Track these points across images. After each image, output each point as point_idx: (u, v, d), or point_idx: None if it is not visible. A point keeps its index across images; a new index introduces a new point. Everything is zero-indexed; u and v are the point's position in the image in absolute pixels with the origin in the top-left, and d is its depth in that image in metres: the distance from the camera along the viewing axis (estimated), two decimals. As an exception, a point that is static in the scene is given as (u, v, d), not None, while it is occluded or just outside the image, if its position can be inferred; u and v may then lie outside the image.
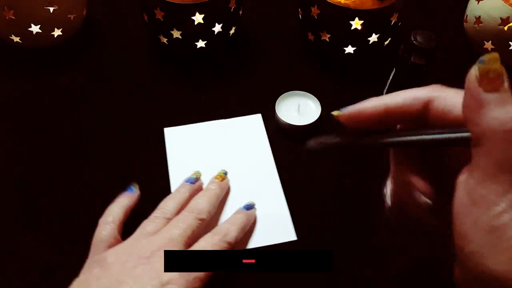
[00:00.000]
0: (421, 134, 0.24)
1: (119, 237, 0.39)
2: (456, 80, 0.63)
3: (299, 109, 0.52)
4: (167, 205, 0.41)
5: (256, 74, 0.58)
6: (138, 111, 0.53)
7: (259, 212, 0.44)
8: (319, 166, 0.49)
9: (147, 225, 0.39)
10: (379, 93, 0.55)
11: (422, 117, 0.25)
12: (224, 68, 0.59)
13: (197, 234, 0.39)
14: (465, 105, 0.23)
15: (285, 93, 0.52)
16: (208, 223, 0.40)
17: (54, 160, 0.48)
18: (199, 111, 0.53)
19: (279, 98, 0.52)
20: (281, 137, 0.51)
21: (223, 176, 0.45)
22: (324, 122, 0.51)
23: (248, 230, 0.42)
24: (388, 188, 0.28)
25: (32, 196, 0.45)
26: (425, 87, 0.26)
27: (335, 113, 0.26)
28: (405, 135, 0.25)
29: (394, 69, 0.51)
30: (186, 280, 0.34)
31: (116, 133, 0.51)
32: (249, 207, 0.43)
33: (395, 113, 0.25)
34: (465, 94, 0.23)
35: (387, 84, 0.53)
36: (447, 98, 0.25)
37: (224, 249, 0.37)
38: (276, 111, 0.51)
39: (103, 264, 0.35)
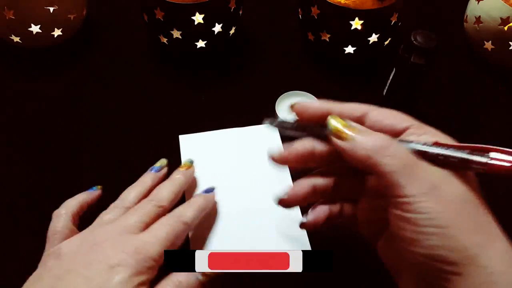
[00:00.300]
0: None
1: (74, 228, 0.38)
2: (456, 80, 0.63)
3: (299, 109, 0.52)
4: (127, 194, 0.40)
5: (256, 74, 0.58)
6: (138, 111, 0.53)
7: (273, 222, 0.43)
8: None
9: (105, 215, 0.38)
10: (379, 93, 0.55)
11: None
12: (224, 68, 0.59)
13: (157, 220, 0.38)
14: (351, 155, 0.29)
15: (285, 93, 0.52)
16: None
17: (54, 160, 0.48)
18: (199, 111, 0.53)
19: (279, 98, 0.52)
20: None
21: (189, 165, 0.44)
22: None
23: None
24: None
25: (32, 196, 0.45)
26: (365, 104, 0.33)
27: (293, 103, 0.35)
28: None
29: (394, 69, 0.51)
30: (136, 261, 0.33)
31: (116, 133, 0.51)
32: (208, 190, 0.43)
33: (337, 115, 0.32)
34: (344, 150, 0.30)
35: (387, 84, 0.53)
36: (380, 112, 0.32)
37: (181, 229, 0.36)
38: (277, 111, 0.51)
39: (57, 256, 0.35)
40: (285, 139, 0.50)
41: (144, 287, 0.33)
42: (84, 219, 0.40)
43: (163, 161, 0.44)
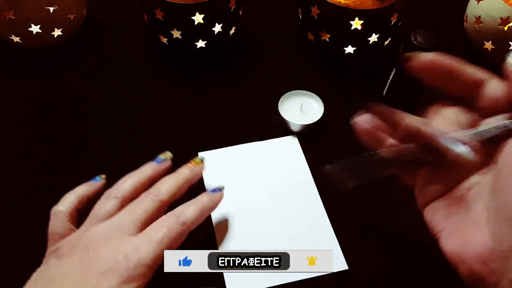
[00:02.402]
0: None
1: (71, 226, 0.38)
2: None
3: (302, 108, 0.52)
4: (123, 183, 0.39)
5: (256, 74, 0.58)
6: (138, 111, 0.53)
7: (303, 239, 0.43)
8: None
9: (99, 208, 0.38)
10: (379, 93, 0.55)
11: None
12: (224, 68, 0.59)
13: (156, 216, 0.37)
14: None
15: (288, 93, 0.52)
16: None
17: (54, 160, 0.48)
18: (199, 111, 0.53)
19: (281, 97, 0.52)
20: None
21: (199, 161, 0.43)
22: (326, 121, 0.51)
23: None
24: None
25: (32, 196, 0.45)
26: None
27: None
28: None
29: (394, 69, 0.51)
30: (126, 268, 0.33)
31: (116, 133, 0.51)
32: (216, 189, 0.41)
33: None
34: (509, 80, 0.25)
35: (387, 84, 0.53)
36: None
37: (179, 231, 0.36)
38: (279, 110, 0.51)
39: (56, 255, 0.35)
40: (305, 149, 0.50)
41: None
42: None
43: (167, 154, 0.42)
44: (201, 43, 0.55)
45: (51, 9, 0.52)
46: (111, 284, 0.32)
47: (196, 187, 0.46)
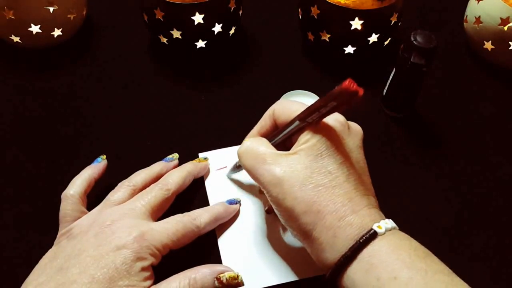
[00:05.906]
0: None
1: (83, 209, 0.40)
2: (456, 80, 0.63)
3: (301, 108, 0.52)
4: (136, 176, 0.42)
5: (255, 74, 0.58)
6: (138, 111, 0.53)
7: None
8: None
9: (113, 194, 0.40)
10: (379, 93, 0.55)
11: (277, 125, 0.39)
12: (224, 68, 0.59)
13: (165, 204, 0.40)
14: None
15: (288, 93, 0.52)
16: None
17: (54, 160, 0.48)
18: (199, 111, 0.53)
19: (281, 97, 0.52)
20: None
21: (202, 160, 0.47)
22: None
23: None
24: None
25: (31, 196, 0.45)
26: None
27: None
28: None
29: (394, 69, 0.51)
30: (140, 246, 0.34)
31: (116, 133, 0.51)
32: (232, 202, 0.44)
33: (267, 132, 0.40)
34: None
35: (387, 84, 0.53)
36: (280, 108, 0.39)
37: (191, 230, 0.38)
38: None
39: (69, 235, 0.37)
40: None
41: (147, 272, 0.34)
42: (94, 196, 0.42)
43: (175, 155, 0.47)
44: (201, 43, 0.55)
45: (51, 9, 0.52)
46: (127, 259, 0.33)
47: (197, 187, 0.47)
